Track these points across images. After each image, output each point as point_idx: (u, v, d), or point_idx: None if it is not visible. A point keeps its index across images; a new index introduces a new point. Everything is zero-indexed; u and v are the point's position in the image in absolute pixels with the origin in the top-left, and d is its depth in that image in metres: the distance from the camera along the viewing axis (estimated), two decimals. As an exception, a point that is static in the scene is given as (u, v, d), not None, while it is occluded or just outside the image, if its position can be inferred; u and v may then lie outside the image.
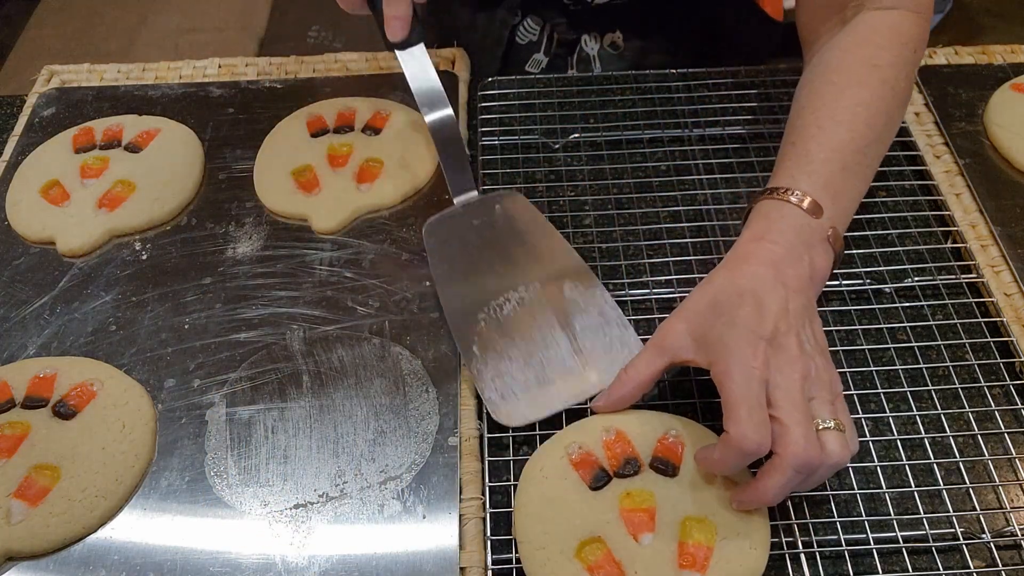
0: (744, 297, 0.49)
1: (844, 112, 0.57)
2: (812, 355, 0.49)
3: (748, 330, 0.48)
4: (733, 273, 0.51)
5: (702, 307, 0.51)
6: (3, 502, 0.49)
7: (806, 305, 0.51)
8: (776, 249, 0.52)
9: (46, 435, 0.52)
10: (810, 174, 0.55)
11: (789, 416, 0.46)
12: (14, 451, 0.51)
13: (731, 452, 0.46)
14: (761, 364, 0.47)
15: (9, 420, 0.53)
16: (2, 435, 0.52)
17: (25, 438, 0.52)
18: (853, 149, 0.56)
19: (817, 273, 0.53)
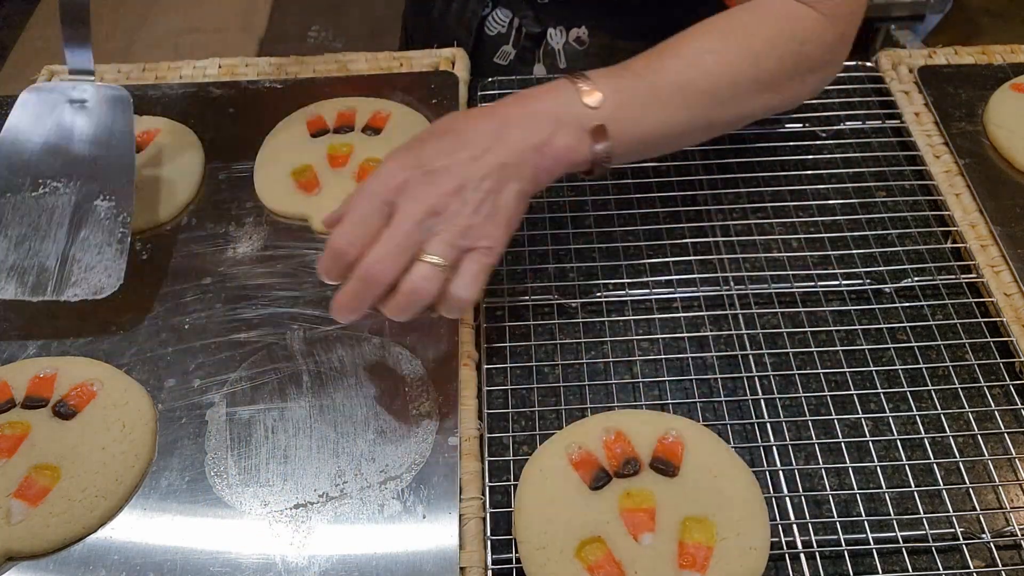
0: (449, 133, 0.51)
1: (690, 51, 0.56)
2: (468, 203, 0.49)
3: (419, 155, 0.50)
4: (467, 112, 0.54)
5: (425, 130, 0.53)
6: (3, 502, 0.49)
7: (508, 165, 0.50)
8: (522, 109, 0.52)
9: (46, 435, 0.52)
10: (615, 76, 0.54)
11: (385, 235, 0.48)
12: (14, 451, 0.51)
13: (327, 250, 0.49)
14: (395, 187, 0.49)
15: (9, 420, 0.53)
16: (2, 435, 0.52)
17: (25, 438, 0.52)
18: (675, 82, 0.55)
19: (551, 149, 0.51)
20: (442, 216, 0.49)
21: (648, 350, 0.60)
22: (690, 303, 0.62)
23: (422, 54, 0.78)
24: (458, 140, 0.51)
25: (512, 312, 0.62)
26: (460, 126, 0.52)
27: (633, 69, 0.55)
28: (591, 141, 0.52)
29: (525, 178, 0.51)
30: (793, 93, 0.60)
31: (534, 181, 0.52)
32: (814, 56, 0.58)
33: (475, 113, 0.54)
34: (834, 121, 0.74)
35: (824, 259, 0.64)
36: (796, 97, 0.61)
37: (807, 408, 0.56)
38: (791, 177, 0.70)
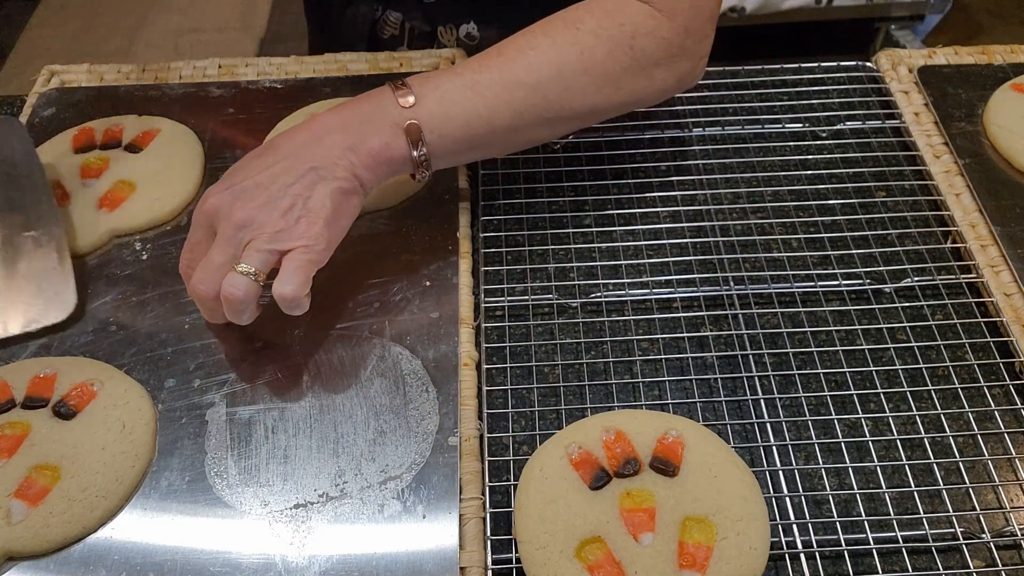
0: (266, 152, 0.55)
1: (514, 48, 0.58)
2: (277, 210, 0.52)
3: (230, 179, 0.54)
4: (292, 127, 0.56)
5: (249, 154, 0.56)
6: (3, 502, 0.49)
7: (318, 168, 0.53)
8: (335, 117, 0.55)
9: (46, 435, 0.52)
10: (431, 77, 0.57)
11: (204, 258, 0.53)
12: (14, 451, 0.51)
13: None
14: (212, 211, 0.53)
15: (9, 420, 0.53)
16: (2, 435, 0.52)
17: (25, 438, 0.52)
18: (495, 79, 0.56)
19: (364, 146, 0.54)
20: (252, 227, 0.52)
21: (648, 350, 0.60)
22: (690, 303, 0.62)
23: (422, 54, 0.78)
24: (272, 155, 0.54)
25: (512, 312, 0.62)
26: (278, 141, 0.55)
27: (455, 70, 0.58)
28: (406, 140, 0.55)
29: (339, 177, 0.54)
30: (640, 88, 0.61)
31: (353, 179, 0.54)
32: (650, 50, 0.59)
33: (296, 127, 0.56)
34: (834, 121, 0.74)
35: (824, 259, 0.64)
36: (647, 92, 0.61)
37: (807, 408, 0.56)
38: (791, 177, 0.70)
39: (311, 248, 0.53)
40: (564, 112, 0.59)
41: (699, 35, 0.61)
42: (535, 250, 0.65)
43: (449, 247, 0.63)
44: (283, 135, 0.56)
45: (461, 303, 0.60)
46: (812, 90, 0.77)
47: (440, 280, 0.61)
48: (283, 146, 0.55)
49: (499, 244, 0.66)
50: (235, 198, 0.53)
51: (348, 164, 0.54)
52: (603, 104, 0.60)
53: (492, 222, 0.67)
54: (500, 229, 0.67)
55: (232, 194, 0.53)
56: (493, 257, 0.65)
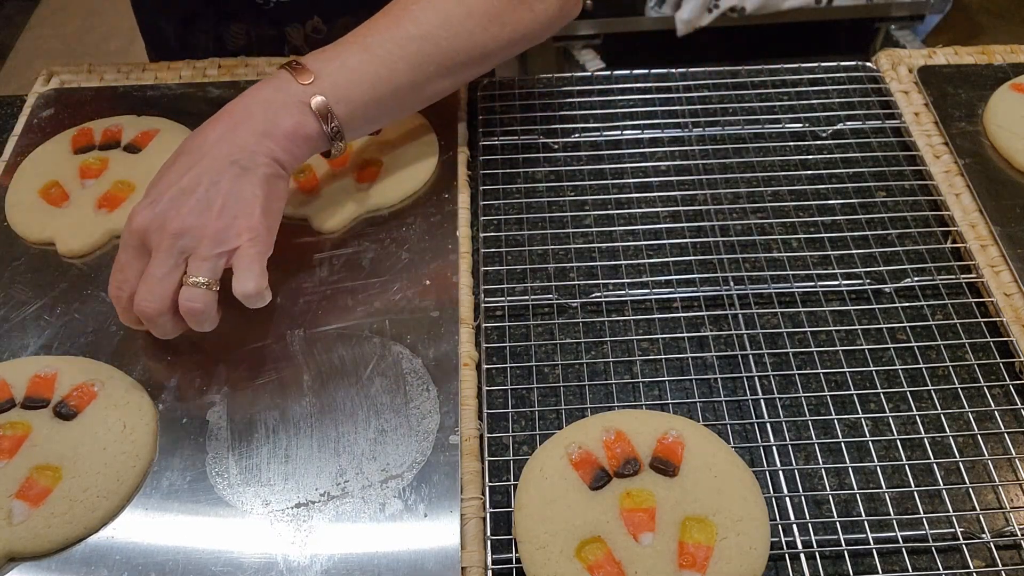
0: (180, 154, 0.55)
1: (396, 6, 0.59)
2: (210, 211, 0.52)
3: (154, 189, 0.53)
4: (202, 125, 0.55)
5: (166, 161, 0.56)
6: (4, 503, 0.49)
7: (237, 160, 0.53)
8: (242, 104, 0.55)
9: (47, 435, 0.52)
10: (324, 51, 0.58)
11: (144, 275, 0.52)
12: (15, 451, 0.51)
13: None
14: (141, 228, 0.52)
15: (10, 420, 0.53)
16: (3, 435, 0.52)
17: (26, 439, 0.52)
18: (386, 37, 0.58)
19: (278, 129, 0.54)
20: (190, 235, 0.52)
21: (648, 350, 0.60)
22: (690, 303, 0.62)
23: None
24: (188, 158, 0.54)
25: (512, 312, 0.62)
26: (190, 143, 0.55)
27: (346, 39, 0.58)
28: (314, 116, 0.55)
29: (262, 164, 0.54)
30: (524, 22, 0.62)
31: (274, 164, 0.54)
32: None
33: (206, 124, 0.56)
34: (834, 121, 0.74)
35: (824, 259, 0.64)
36: (532, 25, 0.63)
37: (807, 408, 0.56)
38: (791, 177, 0.70)
39: (255, 239, 0.53)
40: (459, 57, 0.60)
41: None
42: (535, 250, 0.65)
43: (449, 247, 0.63)
44: (193, 135, 0.56)
45: (461, 303, 0.60)
46: (812, 90, 0.77)
47: (440, 280, 0.61)
48: (197, 147, 0.54)
49: (499, 244, 0.66)
50: (165, 209, 0.52)
51: (266, 150, 0.54)
52: (492, 44, 0.61)
53: (492, 222, 0.67)
54: (500, 229, 0.67)
55: (160, 206, 0.52)
56: (493, 257, 0.65)
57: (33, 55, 2.08)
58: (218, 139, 0.54)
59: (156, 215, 0.52)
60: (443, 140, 0.70)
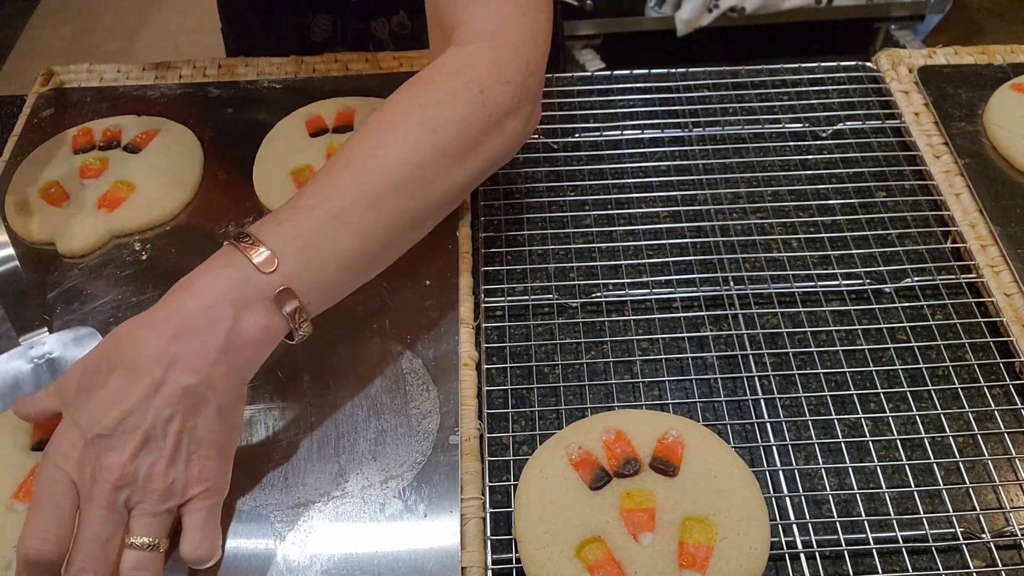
0: (115, 370, 0.44)
1: (360, 156, 0.50)
2: (161, 457, 0.43)
3: (86, 416, 0.43)
4: (133, 325, 0.45)
5: (93, 355, 0.45)
6: None
7: (193, 387, 0.44)
8: (191, 307, 0.45)
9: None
10: (283, 223, 0.48)
11: (79, 537, 0.42)
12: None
13: (19, 563, 0.42)
14: (75, 463, 0.43)
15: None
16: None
17: None
18: (354, 198, 0.49)
19: (242, 341, 0.45)
20: (136, 485, 0.43)
21: (648, 350, 0.60)
22: (690, 303, 0.62)
23: (421, 54, 0.78)
24: (127, 377, 0.44)
25: (512, 312, 0.62)
26: (124, 354, 0.44)
27: (302, 205, 0.49)
28: (279, 309, 0.47)
29: (220, 390, 0.45)
30: (497, 147, 0.55)
31: (236, 385, 0.46)
32: (500, 101, 0.53)
33: (140, 328, 0.45)
34: (834, 121, 0.74)
35: (824, 259, 0.64)
36: (503, 148, 0.56)
37: (807, 408, 0.56)
38: (791, 177, 0.70)
39: (212, 490, 0.45)
40: (435, 203, 0.53)
41: (537, 71, 0.56)
42: (535, 250, 0.65)
43: (449, 247, 0.63)
44: (124, 341, 0.45)
45: (461, 303, 0.60)
46: (812, 90, 0.77)
47: (440, 280, 0.61)
48: (138, 360, 0.44)
49: (499, 244, 0.66)
50: (102, 451, 0.43)
51: (226, 369, 0.45)
52: (467, 179, 0.54)
53: (492, 222, 0.67)
54: (500, 229, 0.67)
55: (95, 445, 0.43)
56: (493, 257, 0.65)
57: (33, 55, 2.08)
58: (163, 354, 0.44)
59: (90, 455, 0.43)
60: (443, 140, 0.70)
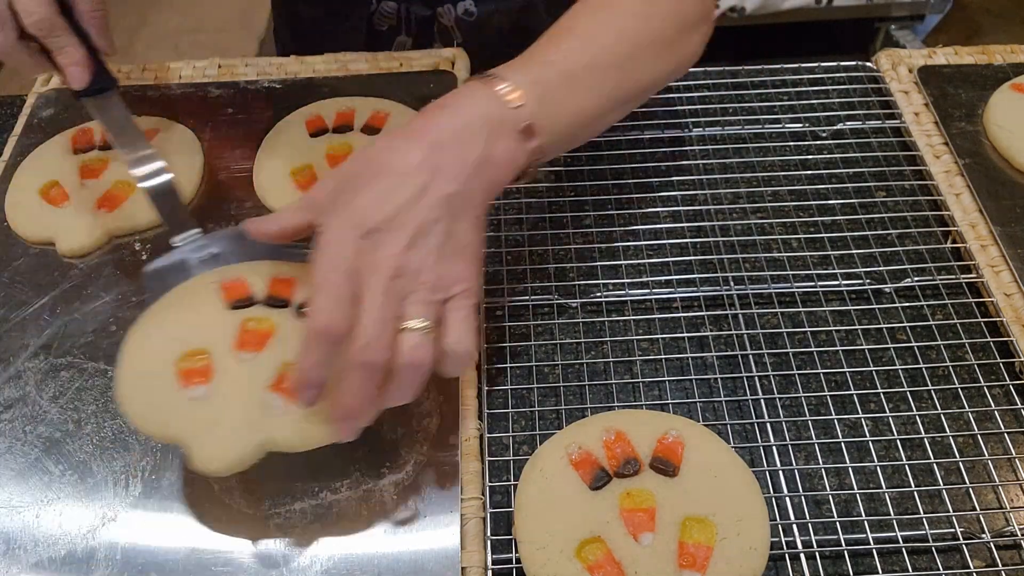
0: (379, 176, 0.46)
1: (585, 30, 0.54)
2: (429, 253, 0.45)
3: (357, 214, 0.45)
4: (389, 139, 0.48)
5: (348, 169, 0.48)
6: (259, 395, 0.48)
7: (454, 195, 0.46)
8: (448, 124, 0.48)
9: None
10: (524, 69, 0.51)
11: (364, 316, 0.44)
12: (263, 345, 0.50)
13: (309, 334, 0.45)
14: (353, 254, 0.45)
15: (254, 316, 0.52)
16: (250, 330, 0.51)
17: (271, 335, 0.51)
18: (584, 63, 0.52)
19: (492, 161, 0.48)
20: (407, 276, 0.45)
21: (648, 350, 0.60)
22: (690, 303, 0.62)
23: (421, 54, 0.78)
24: (391, 182, 0.46)
25: (512, 312, 0.62)
26: (387, 162, 0.47)
27: (539, 59, 0.52)
28: (524, 142, 0.49)
29: (476, 203, 0.47)
30: (683, 53, 0.59)
31: (485, 201, 0.48)
32: (692, 12, 0.58)
33: (399, 141, 0.48)
34: (834, 121, 0.74)
35: (824, 259, 0.64)
36: (687, 57, 0.60)
37: (807, 408, 0.56)
38: (791, 177, 0.70)
39: (470, 291, 0.46)
40: (635, 89, 0.56)
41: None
42: (535, 250, 0.65)
43: (449, 247, 0.63)
44: (386, 153, 0.47)
45: (461, 303, 0.60)
46: (812, 90, 0.77)
47: (440, 280, 0.61)
48: (403, 168, 0.46)
49: (499, 244, 0.66)
50: (376, 244, 0.45)
51: (480, 185, 0.48)
52: (660, 75, 0.58)
53: (492, 222, 0.67)
54: (500, 229, 0.67)
55: (370, 239, 0.45)
56: (493, 257, 0.65)
57: (33, 55, 2.08)
58: (429, 163, 0.46)
59: (366, 248, 0.45)
60: (443, 140, 0.70)
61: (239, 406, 0.48)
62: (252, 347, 0.50)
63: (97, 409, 0.55)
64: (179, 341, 0.50)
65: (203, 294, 0.53)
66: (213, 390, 0.49)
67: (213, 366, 0.49)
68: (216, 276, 0.54)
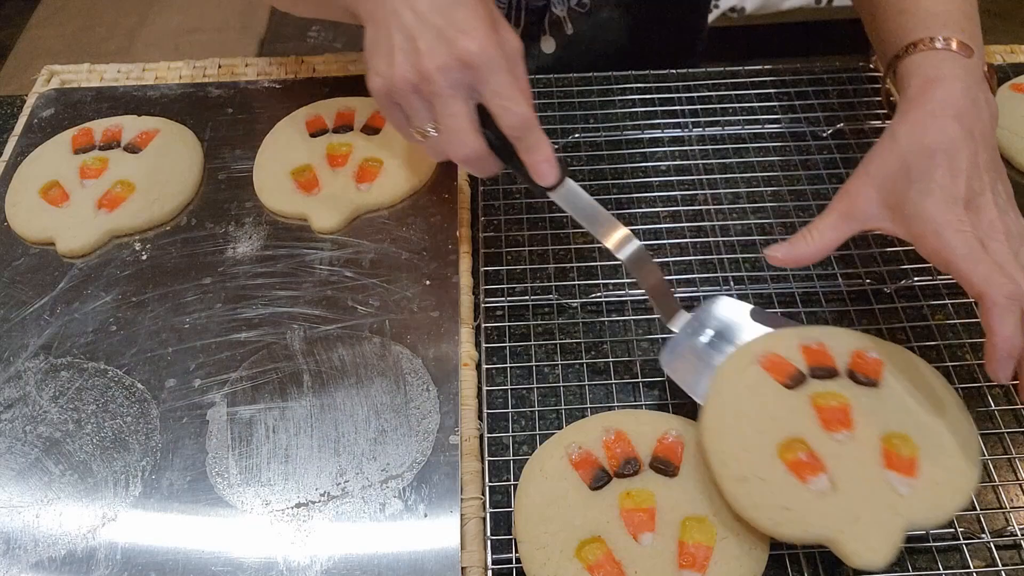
0: (936, 158, 0.49)
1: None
2: (1006, 210, 0.49)
3: (947, 195, 0.48)
4: (917, 127, 0.50)
5: (892, 170, 0.50)
6: (880, 473, 0.47)
7: (993, 157, 0.50)
8: (954, 94, 0.51)
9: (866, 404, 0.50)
10: (942, 25, 0.54)
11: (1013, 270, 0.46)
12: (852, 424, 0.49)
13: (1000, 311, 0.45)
14: (970, 226, 0.47)
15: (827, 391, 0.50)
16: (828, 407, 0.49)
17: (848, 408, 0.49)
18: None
19: (992, 115, 0.52)
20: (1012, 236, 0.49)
21: (648, 350, 0.60)
22: (690, 303, 0.62)
23: (422, 54, 0.78)
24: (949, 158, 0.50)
25: (512, 312, 0.62)
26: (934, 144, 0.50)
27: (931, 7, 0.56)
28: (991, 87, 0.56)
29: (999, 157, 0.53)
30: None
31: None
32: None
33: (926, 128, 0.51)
34: (834, 121, 0.74)
35: (824, 259, 0.64)
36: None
37: (807, 408, 0.56)
38: (791, 177, 0.70)
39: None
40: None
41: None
42: (535, 250, 0.65)
43: (449, 247, 0.63)
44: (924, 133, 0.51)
45: (461, 303, 0.60)
46: (812, 90, 0.77)
47: (440, 280, 0.61)
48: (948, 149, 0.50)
49: (499, 244, 0.66)
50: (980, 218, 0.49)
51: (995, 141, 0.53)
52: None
53: (492, 222, 0.67)
54: (500, 229, 0.67)
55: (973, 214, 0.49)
56: (493, 257, 0.65)
57: (33, 55, 2.08)
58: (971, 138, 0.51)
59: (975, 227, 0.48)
60: (443, 140, 0.70)
61: (869, 493, 0.46)
62: (842, 426, 0.49)
63: (97, 409, 0.55)
64: (767, 433, 0.49)
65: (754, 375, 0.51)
66: (834, 480, 0.47)
67: (817, 453, 0.48)
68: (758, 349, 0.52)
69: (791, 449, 0.48)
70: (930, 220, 0.48)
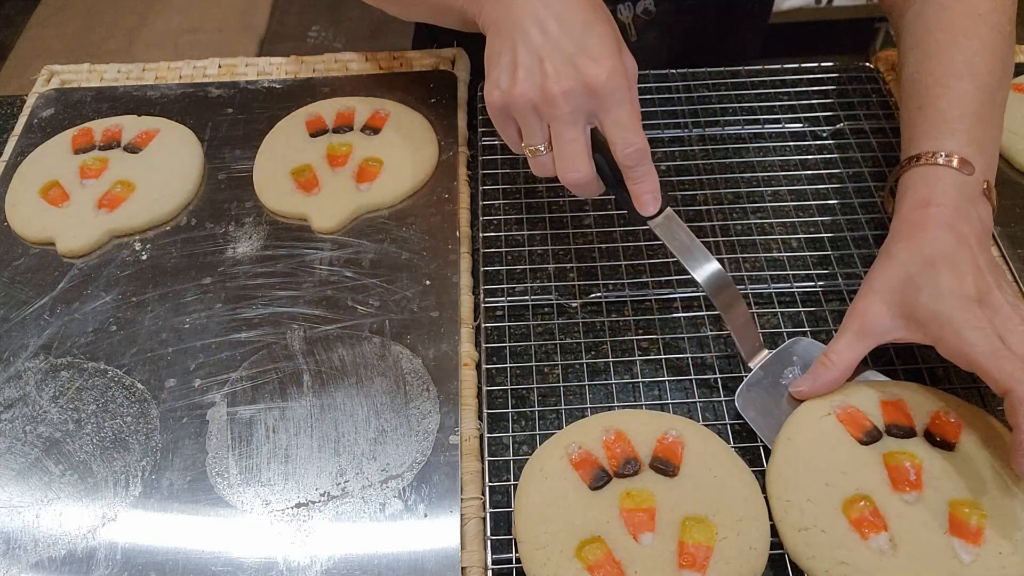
0: (937, 266, 0.50)
1: (962, 66, 0.57)
2: (1017, 305, 0.49)
3: (958, 296, 0.49)
4: (912, 243, 0.52)
5: (897, 283, 0.51)
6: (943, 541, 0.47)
7: (991, 260, 0.52)
8: (944, 211, 0.52)
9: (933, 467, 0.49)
10: (951, 133, 0.55)
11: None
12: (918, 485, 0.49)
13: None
14: (988, 323, 0.48)
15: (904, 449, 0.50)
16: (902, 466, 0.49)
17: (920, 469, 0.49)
18: (982, 100, 0.56)
19: (985, 228, 0.53)
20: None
21: (648, 350, 0.60)
22: (690, 303, 0.62)
23: (421, 54, 0.78)
24: (949, 263, 0.51)
25: (512, 312, 0.62)
26: (932, 254, 0.52)
27: (947, 113, 0.56)
28: (989, 202, 0.56)
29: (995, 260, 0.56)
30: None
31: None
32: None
33: (920, 241, 0.53)
34: (834, 121, 0.74)
35: (824, 259, 0.64)
36: None
37: (807, 408, 0.56)
38: (791, 177, 0.70)
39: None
40: (1008, 90, 0.60)
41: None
42: (535, 250, 0.65)
43: (449, 247, 0.63)
44: (919, 245, 0.52)
45: (461, 303, 0.60)
46: (812, 90, 0.77)
47: (440, 280, 0.61)
48: (946, 255, 0.51)
49: (499, 244, 0.66)
50: (996, 315, 0.50)
51: (990, 247, 0.54)
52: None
53: (492, 222, 0.67)
54: (500, 229, 0.67)
55: (990, 311, 0.50)
56: (493, 257, 0.65)
57: (33, 55, 2.08)
58: (966, 244, 0.52)
59: (992, 323, 0.48)
60: (443, 140, 0.70)
61: (930, 556, 0.46)
62: (911, 487, 0.49)
63: (97, 409, 0.55)
64: (834, 487, 0.49)
65: (829, 426, 0.51)
66: (895, 539, 0.47)
67: (881, 511, 0.48)
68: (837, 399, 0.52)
69: (856, 504, 0.48)
70: (947, 321, 0.48)
